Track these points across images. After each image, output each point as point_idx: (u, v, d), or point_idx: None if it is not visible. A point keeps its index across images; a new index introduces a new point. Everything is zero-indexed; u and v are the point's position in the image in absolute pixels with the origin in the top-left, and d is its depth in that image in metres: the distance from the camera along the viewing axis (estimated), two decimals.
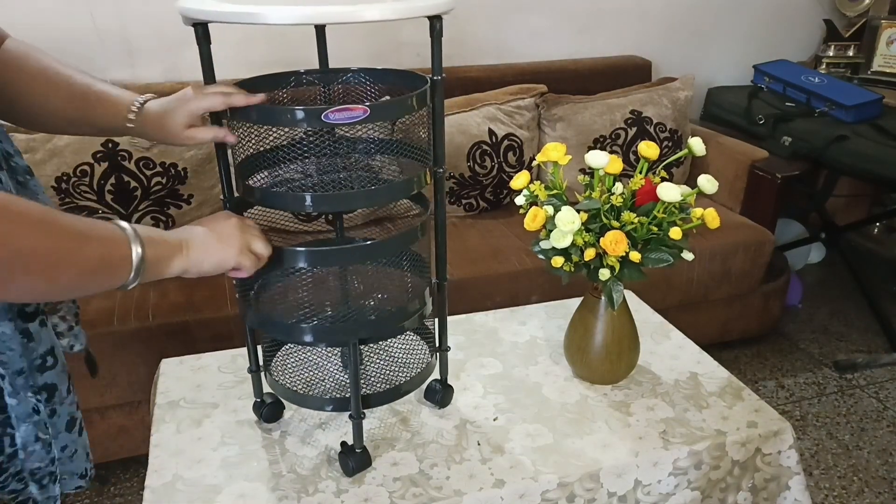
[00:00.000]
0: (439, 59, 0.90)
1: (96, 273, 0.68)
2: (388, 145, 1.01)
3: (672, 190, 1.01)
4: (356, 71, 1.00)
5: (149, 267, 0.73)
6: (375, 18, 0.79)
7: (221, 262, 0.82)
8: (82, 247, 0.66)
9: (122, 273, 0.70)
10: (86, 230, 0.67)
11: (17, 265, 0.59)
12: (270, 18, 0.76)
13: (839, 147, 2.19)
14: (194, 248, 0.80)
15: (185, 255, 0.79)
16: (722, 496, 1.08)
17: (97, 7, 1.98)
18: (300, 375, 1.09)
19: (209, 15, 0.78)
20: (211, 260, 0.81)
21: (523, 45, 2.49)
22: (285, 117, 0.82)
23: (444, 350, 1.08)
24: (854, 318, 2.58)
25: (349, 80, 1.01)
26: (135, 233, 0.71)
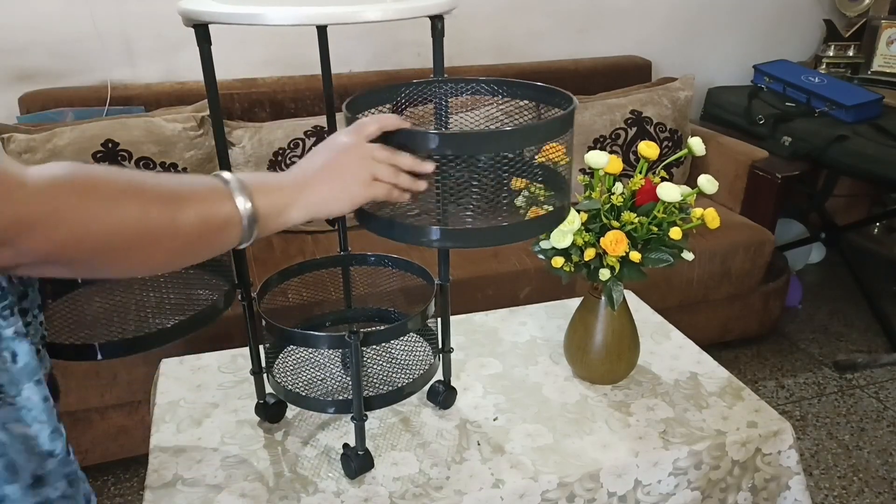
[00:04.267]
0: (441, 58, 0.90)
1: (201, 238, 0.61)
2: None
3: (672, 190, 1.01)
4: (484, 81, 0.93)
5: (263, 221, 0.65)
6: (377, 19, 0.78)
7: (351, 200, 0.72)
8: (178, 212, 0.59)
9: (232, 232, 0.63)
10: (179, 191, 0.60)
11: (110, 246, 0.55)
12: (271, 19, 0.76)
13: (839, 147, 2.19)
14: (315, 190, 0.70)
15: (305, 200, 0.69)
16: (722, 496, 1.08)
17: (97, 8, 1.98)
18: (302, 376, 1.09)
19: (210, 16, 0.78)
20: (338, 202, 0.71)
21: (523, 45, 2.49)
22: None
23: (447, 351, 1.08)
24: (854, 318, 2.58)
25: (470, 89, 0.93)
26: (239, 183, 0.64)
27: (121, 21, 2.03)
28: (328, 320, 1.18)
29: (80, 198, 0.53)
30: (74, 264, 0.56)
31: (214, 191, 0.63)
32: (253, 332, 1.01)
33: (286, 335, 0.95)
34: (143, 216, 0.56)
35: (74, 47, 2.01)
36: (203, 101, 1.99)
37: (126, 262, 0.58)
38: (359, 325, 1.17)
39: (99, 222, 0.54)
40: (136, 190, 0.57)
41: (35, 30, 1.96)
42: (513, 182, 1.06)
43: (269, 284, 1.05)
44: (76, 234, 0.53)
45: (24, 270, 0.55)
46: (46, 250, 0.52)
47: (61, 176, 0.53)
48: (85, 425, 1.70)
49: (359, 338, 0.89)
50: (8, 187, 0.49)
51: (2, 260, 0.51)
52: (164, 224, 0.58)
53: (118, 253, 0.56)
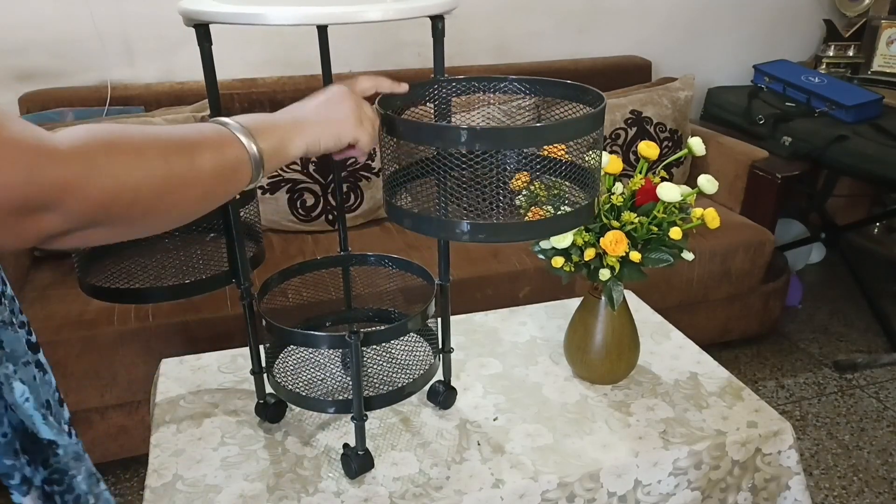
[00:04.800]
0: (442, 59, 0.90)
1: (218, 181, 0.64)
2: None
3: (672, 190, 1.01)
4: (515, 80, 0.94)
5: (267, 158, 0.68)
6: (378, 19, 0.78)
7: (339, 136, 0.76)
8: (194, 159, 0.61)
9: (243, 173, 0.66)
10: (191, 139, 0.63)
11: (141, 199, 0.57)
12: (272, 19, 0.76)
13: (839, 147, 2.19)
14: (309, 124, 0.74)
15: (301, 134, 0.73)
16: (722, 496, 1.08)
17: (97, 8, 1.98)
18: (302, 376, 1.09)
19: (210, 16, 0.78)
20: (328, 135, 0.75)
21: (523, 45, 2.50)
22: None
23: (447, 351, 1.08)
24: (854, 318, 2.58)
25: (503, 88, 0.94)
26: (241, 127, 0.67)
27: (121, 21, 2.03)
28: (328, 320, 1.18)
29: (108, 155, 0.55)
30: (116, 224, 0.57)
31: (221, 135, 0.65)
32: (253, 332, 1.01)
33: (286, 335, 0.95)
34: (165, 166, 0.58)
35: (74, 47, 2.01)
36: (203, 101, 1.99)
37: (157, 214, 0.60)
38: (359, 326, 1.17)
39: (128, 176, 0.56)
40: (153, 142, 0.59)
41: (35, 30, 1.96)
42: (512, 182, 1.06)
43: (269, 284, 1.05)
44: (111, 191, 0.54)
45: (73, 240, 0.56)
46: (88, 210, 0.53)
47: (86, 137, 0.54)
48: (85, 425, 1.70)
49: (359, 338, 0.89)
50: (43, 152, 0.50)
51: (49, 227, 0.52)
52: (185, 171, 0.60)
53: (149, 205, 0.58)
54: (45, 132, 0.52)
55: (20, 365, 0.64)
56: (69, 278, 1.79)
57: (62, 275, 1.81)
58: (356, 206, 2.09)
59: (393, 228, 2.14)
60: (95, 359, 1.62)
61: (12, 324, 0.64)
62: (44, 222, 0.51)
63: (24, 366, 0.65)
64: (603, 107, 0.80)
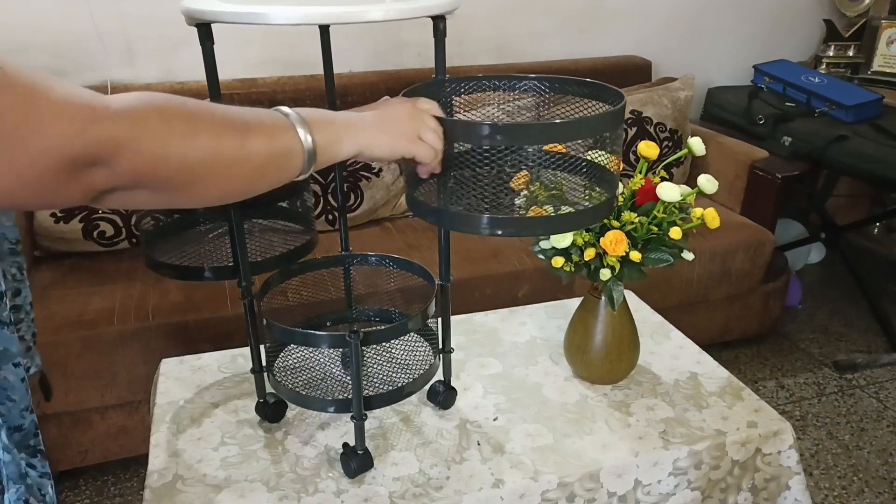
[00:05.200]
0: (443, 59, 0.90)
1: (267, 166, 0.65)
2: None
3: (672, 190, 1.01)
4: (535, 78, 0.96)
5: (321, 151, 0.69)
6: (380, 18, 0.78)
7: (393, 147, 0.76)
8: (246, 140, 0.63)
9: (294, 162, 0.67)
10: (247, 120, 0.64)
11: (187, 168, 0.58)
12: (275, 19, 0.75)
13: (839, 147, 2.19)
14: (363, 130, 0.74)
15: (355, 136, 0.73)
16: (722, 496, 1.08)
17: (97, 7, 1.98)
18: (301, 376, 1.09)
19: (212, 15, 0.77)
20: (382, 145, 0.75)
21: (523, 45, 2.49)
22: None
23: (447, 352, 1.08)
24: (854, 318, 2.58)
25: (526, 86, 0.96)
26: (299, 117, 0.68)
27: (121, 21, 2.03)
28: (329, 320, 1.18)
29: (161, 120, 0.56)
30: (160, 188, 0.58)
31: (278, 122, 0.67)
32: (254, 330, 1.01)
33: (287, 334, 0.95)
34: (216, 140, 0.60)
35: (74, 47, 2.01)
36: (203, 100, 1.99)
37: (201, 187, 0.61)
38: (359, 325, 1.17)
39: (178, 144, 0.57)
40: (208, 116, 0.61)
41: (35, 30, 1.96)
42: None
43: (269, 284, 1.05)
44: (161, 154, 0.56)
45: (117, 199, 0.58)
46: (135, 170, 0.55)
47: (141, 101, 0.56)
48: (85, 425, 1.70)
49: (359, 337, 0.89)
50: (97, 110, 0.52)
51: (98, 183, 0.54)
52: (234, 150, 0.61)
53: (194, 176, 0.59)
54: (96, 94, 0.54)
55: (10, 366, 0.65)
56: (69, 278, 1.79)
57: (62, 275, 1.81)
58: (356, 206, 2.09)
59: (393, 228, 2.14)
60: (95, 359, 1.62)
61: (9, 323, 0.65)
62: (93, 177, 0.53)
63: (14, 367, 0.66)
64: (623, 104, 0.82)
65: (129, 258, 1.90)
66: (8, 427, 0.68)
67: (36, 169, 0.50)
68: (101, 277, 1.80)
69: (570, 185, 0.94)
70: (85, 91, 0.53)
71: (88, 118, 0.52)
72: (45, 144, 0.49)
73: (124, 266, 1.86)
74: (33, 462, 0.70)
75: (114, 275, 1.81)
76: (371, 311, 1.18)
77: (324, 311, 1.18)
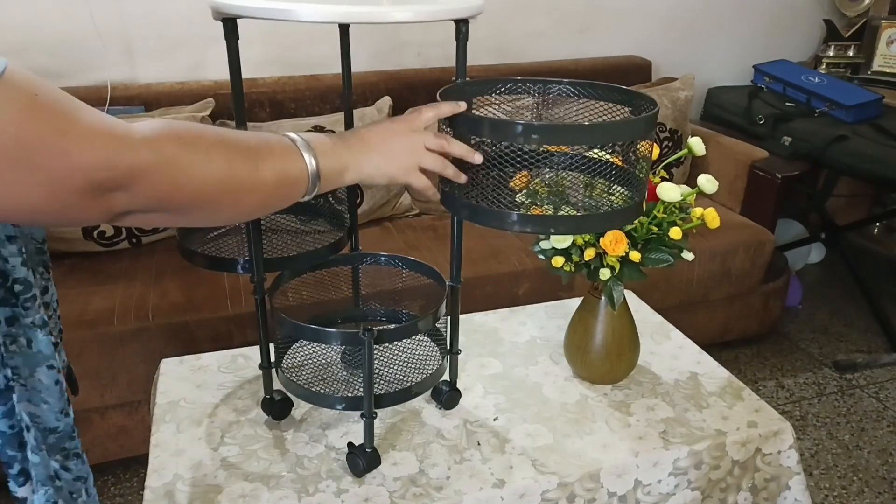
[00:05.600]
0: (464, 62, 0.90)
1: (276, 190, 0.69)
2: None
3: (672, 190, 1.01)
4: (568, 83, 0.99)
5: (324, 178, 0.72)
6: (406, 20, 0.78)
7: (392, 179, 0.80)
8: (257, 167, 0.66)
9: (300, 187, 0.71)
10: (258, 148, 0.67)
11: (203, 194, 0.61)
12: (302, 16, 0.75)
13: (839, 147, 2.19)
14: (366, 163, 0.78)
15: (358, 167, 0.77)
16: (722, 496, 1.08)
17: (97, 7, 1.98)
18: (304, 374, 1.09)
19: (240, 10, 0.77)
20: (380, 176, 0.79)
21: (523, 45, 2.49)
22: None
23: (454, 353, 1.08)
24: (854, 318, 2.58)
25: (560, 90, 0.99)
26: (306, 143, 0.71)
27: (121, 21, 2.03)
28: (338, 318, 1.18)
29: (180, 150, 0.60)
30: (175, 211, 0.62)
31: (287, 149, 0.70)
32: (264, 326, 1.01)
33: (300, 330, 0.95)
34: (229, 169, 0.64)
35: (74, 47, 2.01)
36: (203, 101, 1.99)
37: (214, 210, 0.65)
38: (368, 324, 1.17)
39: (193, 172, 0.61)
40: (223, 144, 0.64)
41: (35, 29, 1.96)
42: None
43: (280, 280, 1.05)
44: (178, 181, 0.60)
45: (132, 219, 0.61)
46: (153, 195, 0.59)
47: (162, 130, 0.60)
48: (85, 425, 1.70)
49: (373, 335, 0.89)
50: (123, 139, 0.56)
51: (118, 205, 0.57)
52: (246, 177, 0.65)
53: (207, 201, 0.63)
54: (120, 122, 0.57)
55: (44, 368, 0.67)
56: (69, 278, 1.79)
57: (62, 275, 1.81)
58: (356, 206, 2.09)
59: (393, 228, 2.14)
60: (95, 359, 1.62)
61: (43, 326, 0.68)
62: (114, 201, 0.56)
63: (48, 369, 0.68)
64: (656, 112, 0.84)
65: (129, 258, 1.90)
66: (42, 429, 0.69)
67: (62, 191, 0.53)
68: (100, 277, 1.80)
69: (571, 185, 0.95)
70: (109, 118, 0.56)
71: (113, 147, 0.55)
72: (72, 169, 0.53)
73: (124, 266, 1.86)
74: (68, 465, 0.71)
75: (114, 275, 1.81)
76: (379, 311, 1.19)
77: (331, 310, 1.18)
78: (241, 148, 0.66)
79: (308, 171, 0.70)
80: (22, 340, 0.66)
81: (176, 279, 1.77)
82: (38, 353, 0.67)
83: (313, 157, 0.71)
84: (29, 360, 0.66)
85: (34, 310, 0.67)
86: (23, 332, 0.66)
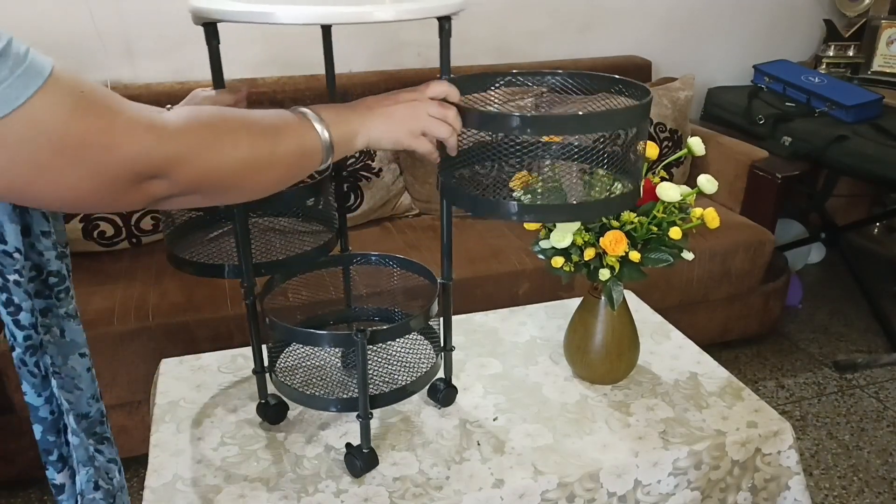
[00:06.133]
0: (448, 59, 0.90)
1: (295, 164, 0.73)
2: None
3: (672, 190, 1.01)
4: (562, 74, 0.99)
5: (337, 145, 0.76)
6: (387, 19, 0.78)
7: (397, 142, 0.83)
8: (277, 144, 0.70)
9: (316, 158, 0.75)
10: (276, 125, 0.72)
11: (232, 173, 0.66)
12: (282, 18, 0.75)
13: (839, 147, 2.19)
14: (373, 127, 0.80)
15: (367, 132, 0.80)
16: (722, 496, 1.08)
17: (97, 7, 1.98)
18: (302, 376, 1.09)
19: (219, 14, 0.77)
20: (387, 139, 0.82)
21: (523, 45, 2.49)
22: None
23: (448, 350, 1.08)
24: (854, 318, 2.58)
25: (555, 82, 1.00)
26: (317, 116, 0.75)
27: (121, 20, 2.03)
28: (330, 320, 1.18)
29: (211, 137, 0.64)
30: (207, 193, 0.67)
31: (301, 123, 0.74)
32: (256, 330, 1.01)
33: (292, 333, 0.95)
34: (253, 149, 0.68)
35: (74, 47, 2.01)
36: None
37: (242, 189, 0.70)
38: (360, 325, 1.17)
39: (223, 156, 0.65)
40: (245, 127, 0.68)
41: (35, 29, 1.96)
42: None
43: (271, 284, 1.05)
44: (209, 166, 0.64)
45: (172, 202, 0.66)
46: (188, 181, 0.63)
47: (191, 119, 0.64)
48: None
49: (366, 336, 0.89)
50: (161, 130, 0.60)
51: (157, 191, 0.62)
52: (269, 154, 0.70)
53: (237, 180, 0.68)
54: (155, 113, 0.62)
55: (77, 356, 0.72)
56: None
57: None
58: (356, 206, 2.09)
59: (393, 228, 2.14)
60: (95, 359, 1.60)
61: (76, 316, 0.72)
62: (154, 188, 0.61)
63: (80, 357, 0.73)
64: (650, 100, 0.86)
65: (129, 258, 1.90)
66: (76, 414, 0.74)
67: (108, 181, 0.57)
68: (100, 277, 1.80)
69: (568, 180, 0.95)
70: (145, 110, 0.61)
71: (153, 138, 0.59)
72: (117, 161, 0.57)
73: (124, 266, 1.86)
74: (101, 448, 0.76)
75: (114, 275, 1.81)
76: (371, 311, 1.19)
77: (324, 311, 1.18)
78: (261, 128, 0.70)
79: (322, 142, 0.74)
80: (56, 330, 0.70)
81: (176, 279, 1.77)
82: (71, 341, 0.71)
83: (325, 127, 0.74)
84: (62, 349, 0.70)
85: (67, 300, 0.70)
86: (56, 322, 0.70)
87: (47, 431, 0.71)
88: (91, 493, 0.73)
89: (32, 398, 0.69)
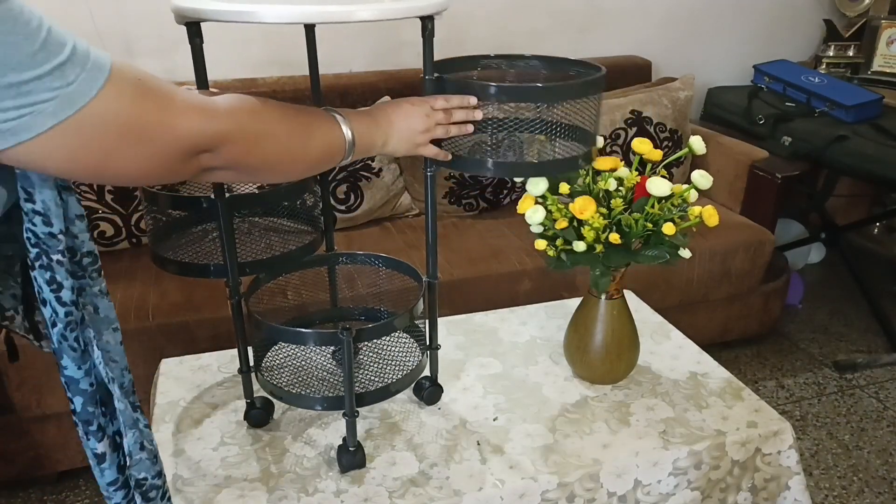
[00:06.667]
0: (431, 59, 0.90)
1: (322, 157, 0.83)
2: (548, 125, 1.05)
3: (661, 184, 1.01)
4: (530, 57, 1.10)
5: (358, 145, 0.85)
6: (368, 18, 0.79)
7: (409, 153, 0.93)
8: (309, 139, 0.80)
9: (339, 156, 0.84)
10: (309, 122, 0.81)
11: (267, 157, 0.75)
12: (264, 17, 0.76)
13: (839, 147, 2.19)
14: (390, 140, 0.90)
15: (383, 142, 0.90)
16: (722, 496, 1.08)
17: (97, 7, 1.98)
18: (288, 375, 1.09)
19: (201, 13, 0.77)
20: (401, 151, 0.93)
21: (523, 45, 2.49)
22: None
23: (434, 349, 1.08)
24: (854, 318, 2.58)
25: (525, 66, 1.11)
26: (345, 119, 0.84)
27: (121, 20, 2.03)
28: (316, 319, 1.18)
29: (253, 120, 0.73)
30: (244, 171, 0.76)
31: (330, 122, 0.83)
32: (242, 331, 1.01)
33: (279, 333, 0.95)
34: (288, 139, 0.78)
35: None
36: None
37: (274, 171, 0.80)
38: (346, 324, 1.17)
39: (262, 140, 0.74)
40: (284, 119, 0.78)
41: None
42: None
43: (257, 283, 1.05)
44: (249, 147, 0.73)
45: (215, 176, 0.76)
46: (231, 157, 0.71)
47: (238, 103, 0.72)
48: None
49: (351, 334, 0.89)
50: (212, 111, 0.68)
51: (205, 164, 0.70)
52: (301, 146, 0.80)
53: (271, 164, 0.77)
54: (203, 96, 0.70)
55: (110, 330, 0.76)
56: None
57: None
58: (356, 207, 2.09)
59: (392, 228, 2.14)
60: None
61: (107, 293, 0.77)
62: (203, 161, 0.69)
63: (113, 331, 0.77)
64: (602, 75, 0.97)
65: (129, 258, 1.90)
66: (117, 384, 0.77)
67: (167, 157, 0.65)
68: None
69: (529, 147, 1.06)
70: (197, 94, 0.70)
71: (205, 118, 0.67)
72: (176, 139, 0.65)
73: (124, 266, 1.86)
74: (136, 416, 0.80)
75: (114, 275, 1.81)
76: (357, 310, 1.19)
77: (310, 311, 1.18)
78: (297, 122, 0.79)
79: (346, 142, 0.83)
80: (90, 308, 0.75)
81: (176, 279, 1.77)
82: (104, 317, 0.76)
83: (351, 130, 0.84)
84: (97, 325, 0.75)
85: (99, 279, 0.76)
86: (90, 300, 0.75)
87: (87, 403, 0.76)
88: (138, 453, 0.78)
89: (73, 371, 0.74)
